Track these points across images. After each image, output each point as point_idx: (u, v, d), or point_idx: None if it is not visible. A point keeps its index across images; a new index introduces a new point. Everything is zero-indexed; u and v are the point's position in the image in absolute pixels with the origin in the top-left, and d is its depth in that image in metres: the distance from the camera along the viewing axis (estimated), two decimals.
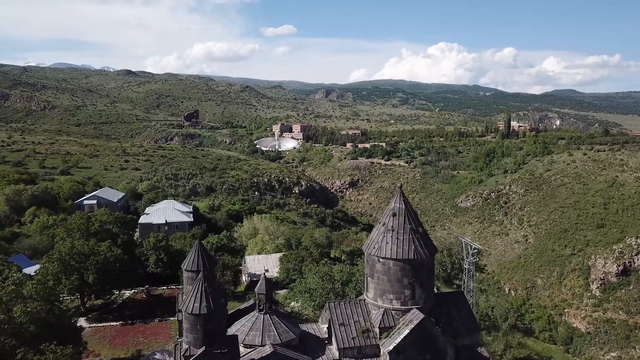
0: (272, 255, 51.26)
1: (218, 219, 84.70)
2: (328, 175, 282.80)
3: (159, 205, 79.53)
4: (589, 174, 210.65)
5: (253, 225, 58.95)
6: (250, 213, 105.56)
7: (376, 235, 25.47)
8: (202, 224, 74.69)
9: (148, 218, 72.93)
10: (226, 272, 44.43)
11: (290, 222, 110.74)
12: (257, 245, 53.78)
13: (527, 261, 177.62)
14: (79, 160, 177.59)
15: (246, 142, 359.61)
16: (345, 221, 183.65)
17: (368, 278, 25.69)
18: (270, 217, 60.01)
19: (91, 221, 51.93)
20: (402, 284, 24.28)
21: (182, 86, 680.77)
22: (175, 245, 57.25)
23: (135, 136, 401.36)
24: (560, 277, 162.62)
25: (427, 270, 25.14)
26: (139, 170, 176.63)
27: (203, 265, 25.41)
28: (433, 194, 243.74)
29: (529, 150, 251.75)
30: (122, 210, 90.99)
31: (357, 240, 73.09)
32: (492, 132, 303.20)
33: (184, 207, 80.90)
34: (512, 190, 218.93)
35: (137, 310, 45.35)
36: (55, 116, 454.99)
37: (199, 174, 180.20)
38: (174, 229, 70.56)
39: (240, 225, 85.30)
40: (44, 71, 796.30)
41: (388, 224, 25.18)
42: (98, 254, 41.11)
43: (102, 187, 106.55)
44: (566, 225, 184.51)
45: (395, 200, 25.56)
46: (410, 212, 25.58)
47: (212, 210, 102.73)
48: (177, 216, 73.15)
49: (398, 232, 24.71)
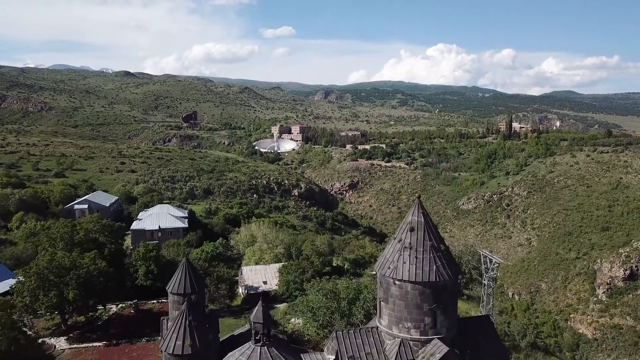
0: (271, 266, 47.83)
1: (214, 224, 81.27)
2: (327, 177, 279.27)
3: (152, 210, 76.06)
4: (593, 176, 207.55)
5: (251, 232, 55.54)
6: (248, 217, 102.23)
7: (391, 254, 22.03)
8: (197, 230, 71.20)
9: (141, 224, 69.42)
10: (221, 285, 41.16)
11: (289, 226, 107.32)
12: (254, 254, 50.40)
13: (531, 265, 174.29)
14: (74, 162, 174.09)
15: (245, 143, 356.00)
16: (345, 224, 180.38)
17: (382, 303, 22.23)
18: (269, 223, 56.59)
19: (76, 230, 48.43)
20: (422, 311, 20.87)
21: (180, 87, 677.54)
22: (168, 253, 53.81)
23: (133, 137, 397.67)
24: (565, 282, 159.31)
25: (450, 295, 21.73)
26: (135, 172, 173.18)
27: (191, 287, 22.04)
28: (434, 196, 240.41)
29: (531, 151, 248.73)
30: (115, 214, 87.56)
31: (361, 247, 69.79)
32: (493, 133, 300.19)
33: (179, 211, 77.38)
34: (515, 193, 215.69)
35: (124, 328, 41.65)
36: (53, 117, 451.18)
37: (196, 176, 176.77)
38: (167, 235, 67.16)
39: (237, 230, 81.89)
40: (42, 72, 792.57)
41: (405, 240, 21.74)
42: (80, 267, 37.63)
43: (95, 190, 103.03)
44: (570, 228, 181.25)
45: (413, 213, 22.11)
46: (431, 226, 22.16)
47: (209, 215, 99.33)
48: (171, 222, 69.62)
49: (417, 250, 21.28)
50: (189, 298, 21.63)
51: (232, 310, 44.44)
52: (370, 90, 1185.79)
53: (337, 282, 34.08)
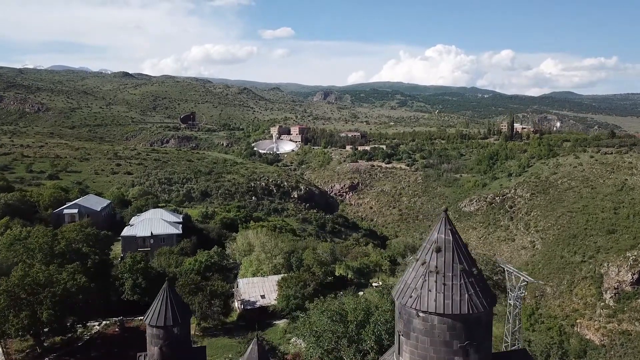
0: (269, 278, 44.20)
1: (210, 230, 77.56)
2: (327, 178, 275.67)
3: (145, 215, 72.31)
4: (597, 177, 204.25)
5: (248, 240, 51.87)
6: (246, 221, 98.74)
7: (413, 279, 18.30)
8: (192, 236, 67.46)
9: (132, 230, 65.64)
10: (215, 300, 37.60)
11: (289, 230, 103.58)
12: (251, 264, 46.76)
13: (535, 268, 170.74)
14: (69, 164, 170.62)
15: (243, 144, 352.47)
16: (345, 227, 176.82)
17: (401, 337, 18.47)
18: (267, 230, 52.91)
19: (57, 239, 44.63)
20: (451, 349, 17.15)
21: (178, 88, 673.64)
22: (159, 263, 50.20)
23: (131, 139, 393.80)
24: (571, 286, 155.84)
25: (485, 328, 17.98)
26: (131, 174, 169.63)
27: (173, 319, 18.43)
28: (435, 198, 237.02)
29: (534, 152, 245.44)
30: (107, 219, 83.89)
31: (364, 254, 66.18)
32: (494, 134, 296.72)
33: (173, 216, 73.63)
34: (518, 194, 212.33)
35: (107, 349, 37.71)
36: (50, 118, 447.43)
37: (193, 178, 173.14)
38: (160, 242, 63.49)
39: (234, 236, 78.23)
40: (40, 73, 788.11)
41: (430, 262, 18.01)
42: (57, 284, 33.94)
43: (88, 193, 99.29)
44: (575, 230, 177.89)
45: (439, 229, 18.42)
46: (461, 245, 18.45)
47: (205, 219, 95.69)
48: (164, 228, 65.87)
49: (445, 275, 17.57)
50: (169, 331, 17.93)
51: (226, 328, 40.75)
52: (369, 91, 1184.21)
53: (343, 301, 30.44)
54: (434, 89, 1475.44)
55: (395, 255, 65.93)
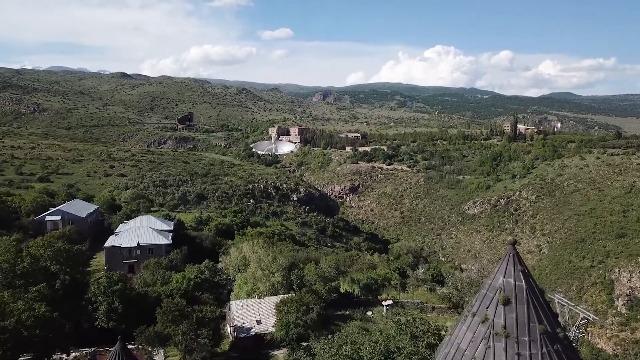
0: (267, 300, 38.63)
1: (204, 238, 72.02)
2: (327, 180, 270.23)
3: (132, 223, 66.69)
4: (604, 179, 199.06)
5: (242, 253, 46.28)
6: (243, 227, 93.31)
7: (469, 343, 12.85)
8: (182, 246, 61.85)
9: (117, 240, 59.92)
10: (202, 330, 32.07)
11: (288, 236, 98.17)
12: (246, 283, 41.23)
13: (542, 273, 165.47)
14: (60, 166, 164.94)
15: (242, 145, 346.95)
16: (346, 230, 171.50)
17: None
18: (264, 241, 47.42)
19: (20, 257, 38.95)
20: None
21: (176, 89, 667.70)
22: (145, 278, 44.77)
23: (127, 139, 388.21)
24: (580, 292, 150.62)
25: None
26: (124, 176, 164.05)
27: None
28: (438, 200, 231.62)
29: (538, 153, 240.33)
30: (94, 226, 78.32)
31: (370, 266, 60.70)
32: (497, 135, 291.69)
33: (163, 224, 67.96)
34: (523, 197, 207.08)
35: None
36: (45, 119, 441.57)
37: (189, 181, 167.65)
38: (147, 253, 57.96)
39: (229, 244, 72.78)
40: (37, 74, 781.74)
41: (494, 320, 12.57)
42: (10, 315, 28.43)
43: (75, 197, 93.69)
44: (583, 234, 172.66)
45: (504, 271, 13.02)
46: (538, 295, 13.01)
47: (200, 225, 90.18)
48: (152, 237, 60.17)
49: (518, 341, 12.13)
50: None
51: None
52: (368, 91, 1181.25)
53: (356, 340, 25.00)
54: (433, 89, 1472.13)
55: (404, 266, 60.46)
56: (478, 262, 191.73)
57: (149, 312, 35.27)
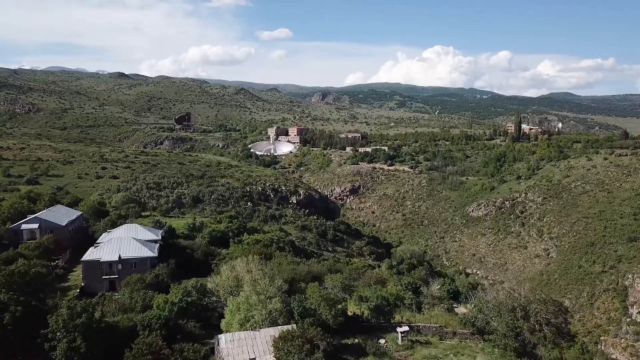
0: (262, 332, 32.31)
1: (196, 248, 65.66)
2: (327, 181, 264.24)
3: (116, 232, 60.24)
4: (613, 181, 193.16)
5: (235, 273, 39.74)
6: (239, 234, 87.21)
7: None
8: (171, 258, 55.35)
9: (96, 253, 53.36)
10: None
11: (287, 243, 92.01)
12: (239, 310, 34.91)
13: (551, 279, 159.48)
14: (50, 168, 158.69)
15: (240, 146, 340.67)
16: (348, 234, 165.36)
17: None
18: (260, 260, 41.03)
19: None
20: None
21: (174, 88, 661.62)
22: (122, 302, 38.52)
23: (124, 140, 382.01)
24: (592, 298, 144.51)
25: None
26: (117, 178, 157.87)
27: None
28: (441, 202, 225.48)
29: (543, 154, 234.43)
30: (76, 234, 72.03)
31: (379, 280, 54.51)
32: (500, 135, 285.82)
33: (150, 233, 61.46)
34: (529, 199, 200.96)
35: None
36: (40, 119, 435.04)
37: (184, 183, 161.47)
38: (130, 267, 51.74)
39: (223, 257, 66.63)
40: (34, 74, 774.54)
41: None
42: None
43: (59, 202, 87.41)
44: (592, 238, 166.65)
45: None
46: None
47: (192, 232, 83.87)
48: (136, 249, 53.67)
49: None
50: None
51: None
52: (367, 91, 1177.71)
53: None
54: (432, 89, 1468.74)
55: (416, 280, 54.29)
56: (483, 267, 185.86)
57: (121, 348, 29.26)
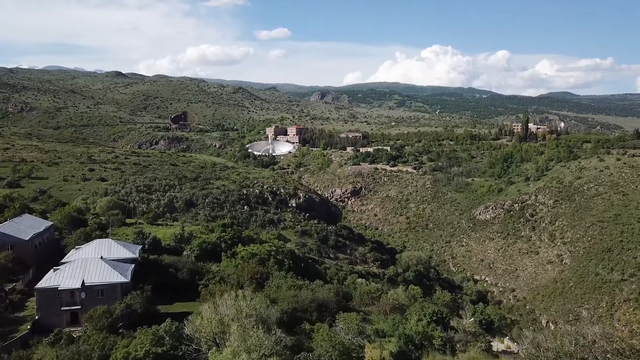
0: None
1: (181, 266, 56.23)
2: (327, 182, 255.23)
3: (83, 251, 50.26)
4: (628, 183, 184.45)
5: (219, 316, 30.06)
6: (232, 245, 77.88)
7: None
8: (148, 282, 45.77)
9: (55, 278, 43.15)
10: None
11: (286, 254, 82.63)
12: None
13: (566, 287, 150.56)
14: (34, 169, 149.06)
15: (237, 146, 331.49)
16: (350, 239, 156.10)
17: None
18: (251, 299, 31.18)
19: None
20: None
21: (171, 87, 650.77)
22: (73, 351, 29.32)
23: (118, 140, 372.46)
24: (611, 309, 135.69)
25: None
26: (105, 180, 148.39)
27: None
28: (446, 205, 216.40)
29: (552, 154, 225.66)
30: (44, 250, 62.59)
31: (398, 309, 45.28)
32: (506, 134, 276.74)
33: (126, 250, 51.40)
34: (539, 201, 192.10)
35: None
36: (33, 118, 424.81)
37: (177, 185, 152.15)
38: (97, 296, 42.19)
39: (213, 274, 57.51)
40: (30, 73, 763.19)
41: None
42: None
43: (26, 211, 77.90)
44: (608, 243, 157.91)
45: None
46: None
47: (180, 243, 74.55)
48: (104, 274, 43.67)
49: None
50: None
51: None
52: (366, 91, 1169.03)
53: None
54: (431, 89, 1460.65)
55: (441, 309, 45.01)
56: (492, 273, 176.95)
57: None
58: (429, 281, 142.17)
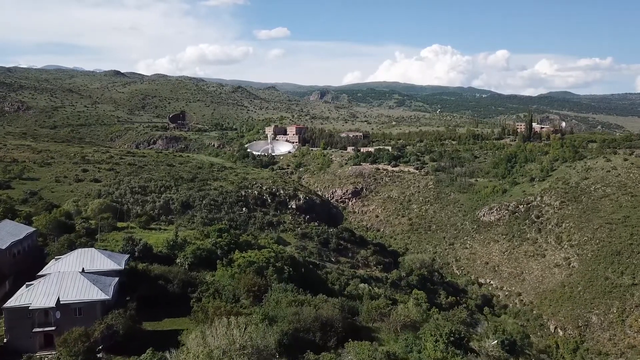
0: None
1: (172, 277, 51.62)
2: (328, 183, 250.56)
3: (65, 260, 45.40)
4: (636, 183, 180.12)
5: (207, 350, 25.65)
6: (229, 251, 73.16)
7: None
8: (134, 295, 41.04)
9: (26, 296, 37.98)
10: None
11: (286, 260, 78.06)
12: None
13: (575, 291, 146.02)
14: (25, 170, 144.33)
15: (236, 145, 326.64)
16: (352, 242, 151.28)
17: None
18: (250, 322, 27.28)
19: None
20: None
21: (170, 86, 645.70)
22: None
23: (115, 139, 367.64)
24: (622, 314, 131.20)
25: None
26: (99, 182, 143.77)
27: None
28: (450, 206, 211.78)
29: (557, 154, 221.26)
30: (24, 259, 57.84)
31: (410, 326, 40.77)
32: (510, 134, 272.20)
33: (110, 260, 46.39)
34: (545, 202, 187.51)
35: None
36: (30, 118, 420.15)
37: (173, 187, 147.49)
38: (73, 315, 37.34)
39: (207, 285, 52.90)
40: (28, 72, 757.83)
41: None
42: None
43: (7, 217, 73.24)
44: (618, 246, 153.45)
45: None
46: None
47: (173, 250, 69.83)
48: (82, 290, 38.62)
49: None
50: None
51: None
52: (366, 90, 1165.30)
53: None
54: (431, 88, 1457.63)
55: (460, 329, 40.40)
56: (497, 276, 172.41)
57: None
58: (433, 285, 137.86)
